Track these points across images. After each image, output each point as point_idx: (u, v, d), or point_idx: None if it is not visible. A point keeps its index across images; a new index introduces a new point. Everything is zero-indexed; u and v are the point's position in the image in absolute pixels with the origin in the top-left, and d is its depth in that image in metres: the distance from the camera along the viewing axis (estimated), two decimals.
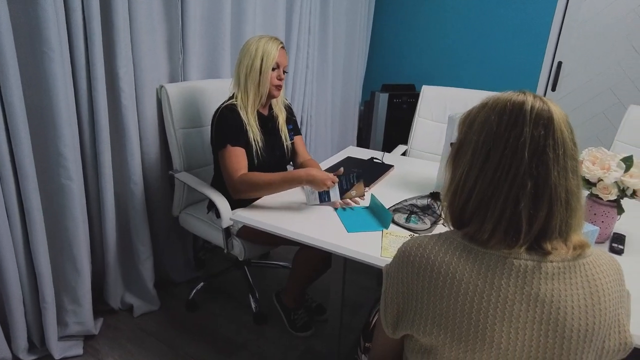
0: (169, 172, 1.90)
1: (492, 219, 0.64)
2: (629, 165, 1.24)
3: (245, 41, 1.59)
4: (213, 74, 2.13)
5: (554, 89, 3.09)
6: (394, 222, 1.35)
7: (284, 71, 1.60)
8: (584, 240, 0.66)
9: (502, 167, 0.64)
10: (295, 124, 1.82)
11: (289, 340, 1.82)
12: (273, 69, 1.55)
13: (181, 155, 1.87)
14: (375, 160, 1.98)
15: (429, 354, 0.69)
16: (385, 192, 1.61)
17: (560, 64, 3.03)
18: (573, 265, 0.64)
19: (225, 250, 1.70)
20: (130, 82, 1.68)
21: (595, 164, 1.26)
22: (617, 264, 0.68)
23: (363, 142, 3.75)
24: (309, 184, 1.40)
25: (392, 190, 1.63)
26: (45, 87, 1.39)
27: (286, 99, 1.83)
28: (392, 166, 1.89)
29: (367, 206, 1.47)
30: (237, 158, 1.52)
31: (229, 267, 2.20)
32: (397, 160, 2.03)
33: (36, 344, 1.60)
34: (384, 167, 1.89)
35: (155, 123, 1.85)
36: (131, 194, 1.78)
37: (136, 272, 1.90)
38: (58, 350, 1.60)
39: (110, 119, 1.65)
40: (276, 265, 2.36)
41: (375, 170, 1.82)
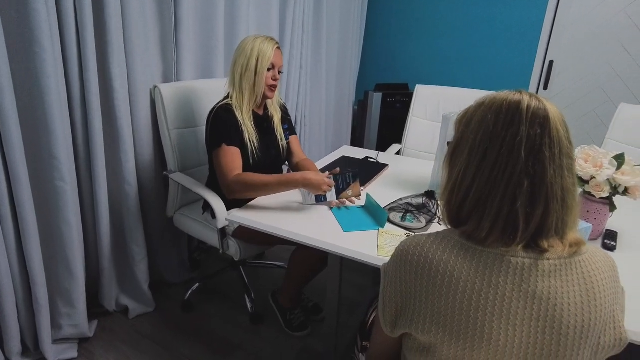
0: (164, 172, 1.89)
1: (490, 218, 0.65)
2: (620, 163, 1.26)
3: (241, 41, 1.59)
4: (207, 74, 2.13)
5: (545, 88, 3.12)
6: (389, 221, 1.36)
7: (279, 72, 1.60)
8: (579, 238, 0.67)
9: (499, 166, 0.64)
10: (290, 124, 1.82)
11: (285, 340, 1.82)
12: (268, 69, 1.55)
13: (175, 155, 1.86)
14: (370, 160, 1.99)
15: (427, 352, 0.69)
16: (381, 191, 1.61)
17: (551, 63, 3.06)
18: (569, 262, 0.65)
19: (221, 250, 1.70)
20: (124, 82, 1.66)
21: (587, 161, 1.28)
22: (612, 261, 0.69)
23: (357, 141, 3.76)
24: (304, 187, 1.40)
25: (387, 190, 1.64)
26: (37, 88, 1.37)
27: (281, 98, 1.83)
28: (387, 165, 1.90)
29: (363, 205, 1.47)
30: (232, 158, 1.51)
31: (225, 268, 2.20)
32: (391, 160, 2.04)
33: (30, 347, 1.58)
34: (379, 166, 1.89)
35: (149, 123, 1.84)
36: (125, 195, 1.77)
37: (131, 274, 1.89)
38: (52, 353, 1.58)
39: (103, 119, 1.64)
40: (271, 265, 2.35)
41: (370, 170, 1.82)
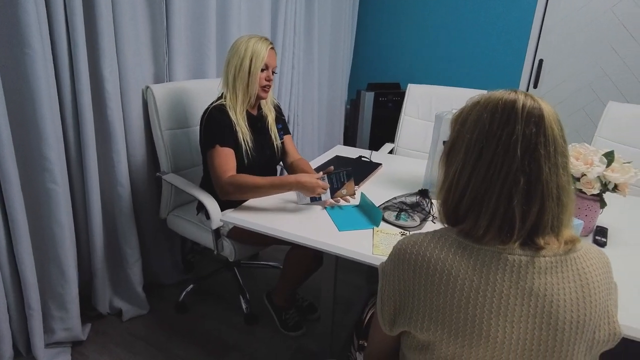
0: (156, 174, 1.87)
1: (487, 216, 0.66)
2: (610, 160, 1.28)
3: (235, 40, 1.58)
4: (199, 74, 2.11)
5: (535, 86, 3.16)
6: (384, 219, 1.36)
7: (273, 72, 1.60)
8: (574, 235, 0.68)
9: (495, 165, 0.65)
10: (284, 124, 1.82)
11: (280, 340, 1.82)
12: (262, 69, 1.55)
13: (168, 156, 1.85)
14: (363, 159, 1.99)
15: (426, 349, 0.70)
16: (375, 190, 1.62)
17: (541, 61, 3.10)
18: (564, 259, 0.66)
19: (216, 251, 1.69)
20: (115, 83, 1.65)
21: (578, 159, 1.30)
22: (605, 257, 0.71)
23: (349, 140, 3.77)
24: (298, 190, 1.40)
25: (381, 188, 1.64)
26: (27, 88, 1.36)
27: (275, 98, 1.83)
28: (380, 164, 1.91)
29: (358, 205, 1.48)
30: (225, 158, 1.51)
31: (219, 269, 2.19)
32: (384, 159, 2.05)
33: (22, 351, 1.56)
34: (373, 165, 1.90)
35: (141, 124, 1.82)
36: (118, 196, 1.75)
37: (124, 276, 1.88)
38: (45, 357, 1.56)
39: (95, 120, 1.62)
40: (266, 266, 2.35)
41: (363, 169, 1.83)
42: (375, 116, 3.43)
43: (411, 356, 0.74)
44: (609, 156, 1.29)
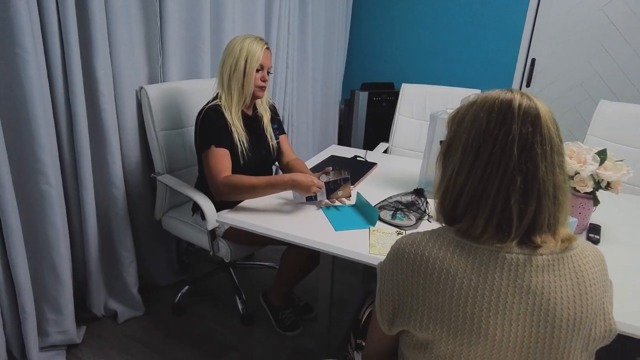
0: (151, 175, 1.86)
1: (484, 215, 0.66)
2: (603, 159, 1.30)
3: (229, 40, 1.57)
4: (193, 75, 2.10)
5: (528, 85, 3.18)
6: (380, 219, 1.37)
7: (268, 72, 1.60)
8: (570, 234, 0.69)
9: (492, 164, 0.66)
10: (279, 123, 1.82)
11: (277, 340, 1.82)
12: (257, 70, 1.54)
13: (163, 157, 1.84)
14: (358, 159, 2.00)
15: (425, 348, 0.70)
16: (370, 189, 1.62)
17: (534, 60, 3.12)
18: (561, 257, 0.66)
19: (212, 252, 1.68)
20: (109, 83, 1.64)
21: (572, 158, 1.31)
22: (601, 255, 0.71)
23: (344, 140, 3.77)
24: (293, 189, 1.39)
25: (377, 188, 1.65)
26: (20, 90, 1.34)
27: (270, 98, 1.82)
28: (376, 164, 1.92)
29: (354, 204, 1.48)
30: (221, 159, 1.50)
31: (214, 270, 2.18)
32: (379, 158, 2.05)
33: (16, 355, 1.55)
34: (368, 165, 1.91)
35: (135, 125, 1.81)
36: (112, 198, 1.74)
37: (119, 278, 1.86)
38: None
39: (89, 121, 1.60)
40: (261, 266, 2.35)
41: (359, 169, 1.83)
42: (370, 116, 3.44)
43: (410, 355, 0.74)
44: (602, 154, 1.30)
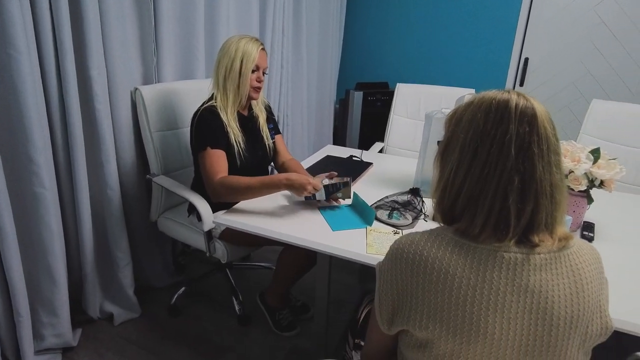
0: (147, 176, 1.85)
1: (482, 214, 0.67)
2: (596, 157, 1.31)
3: (225, 41, 1.57)
4: (187, 75, 2.10)
5: (521, 85, 3.21)
6: (377, 218, 1.37)
7: (264, 73, 1.59)
8: (567, 232, 0.69)
9: (490, 164, 0.66)
10: (275, 123, 1.82)
11: (274, 341, 1.82)
12: (253, 71, 1.54)
13: (158, 158, 1.83)
14: (354, 159, 2.00)
15: (424, 347, 0.71)
16: (367, 189, 1.63)
17: (527, 60, 3.15)
18: (558, 256, 0.67)
19: (208, 253, 1.68)
20: (104, 84, 1.63)
21: (566, 156, 1.32)
22: (597, 253, 0.72)
23: (339, 140, 3.78)
24: (287, 188, 1.38)
25: (373, 188, 1.65)
26: (13, 90, 1.33)
27: (265, 98, 1.82)
28: (372, 164, 1.92)
29: (350, 204, 1.48)
30: (217, 160, 1.50)
31: (211, 271, 2.18)
32: (375, 158, 2.06)
33: (11, 359, 1.53)
34: (364, 165, 1.91)
35: (130, 126, 1.80)
36: (107, 199, 1.73)
37: (115, 280, 1.85)
38: None
39: (83, 122, 1.59)
40: (257, 267, 2.34)
41: (355, 168, 1.84)
42: (365, 115, 3.45)
43: (409, 354, 0.75)
44: (595, 153, 1.32)
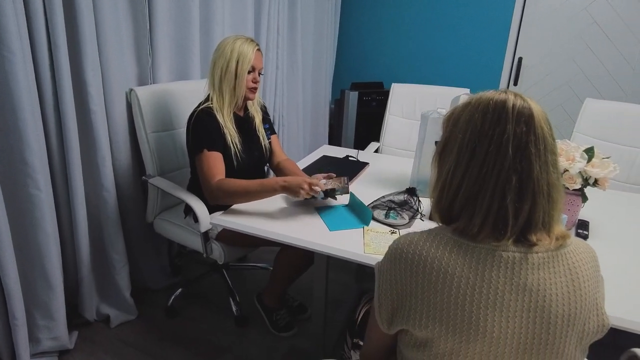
0: (142, 177, 1.84)
1: (481, 214, 0.67)
2: (590, 156, 1.33)
3: (220, 41, 1.56)
4: (183, 76, 2.09)
5: (515, 84, 3.23)
6: (374, 218, 1.38)
7: (260, 73, 1.59)
8: (564, 231, 0.70)
9: (488, 163, 0.67)
10: (270, 124, 1.82)
11: (272, 341, 1.82)
12: (249, 72, 1.53)
13: (154, 159, 1.83)
14: (350, 159, 2.01)
15: (424, 347, 0.71)
16: (363, 189, 1.63)
17: (520, 59, 3.17)
18: (556, 255, 0.68)
19: (205, 254, 1.68)
20: (98, 85, 1.62)
21: (561, 155, 1.33)
22: (593, 251, 0.73)
23: (335, 140, 3.78)
24: (284, 191, 1.38)
25: (370, 188, 1.66)
26: (7, 92, 1.32)
27: (261, 99, 1.82)
28: (368, 164, 1.93)
29: (347, 204, 1.49)
30: (214, 163, 1.49)
31: (208, 272, 2.17)
32: (371, 158, 2.06)
33: None
34: (360, 164, 1.91)
35: (125, 127, 1.79)
36: (103, 201, 1.72)
37: (111, 282, 1.84)
38: None
39: (78, 124, 1.58)
40: (254, 267, 2.34)
41: (351, 168, 1.84)
42: (360, 115, 3.45)
43: (409, 354, 0.75)
44: (590, 152, 1.33)
